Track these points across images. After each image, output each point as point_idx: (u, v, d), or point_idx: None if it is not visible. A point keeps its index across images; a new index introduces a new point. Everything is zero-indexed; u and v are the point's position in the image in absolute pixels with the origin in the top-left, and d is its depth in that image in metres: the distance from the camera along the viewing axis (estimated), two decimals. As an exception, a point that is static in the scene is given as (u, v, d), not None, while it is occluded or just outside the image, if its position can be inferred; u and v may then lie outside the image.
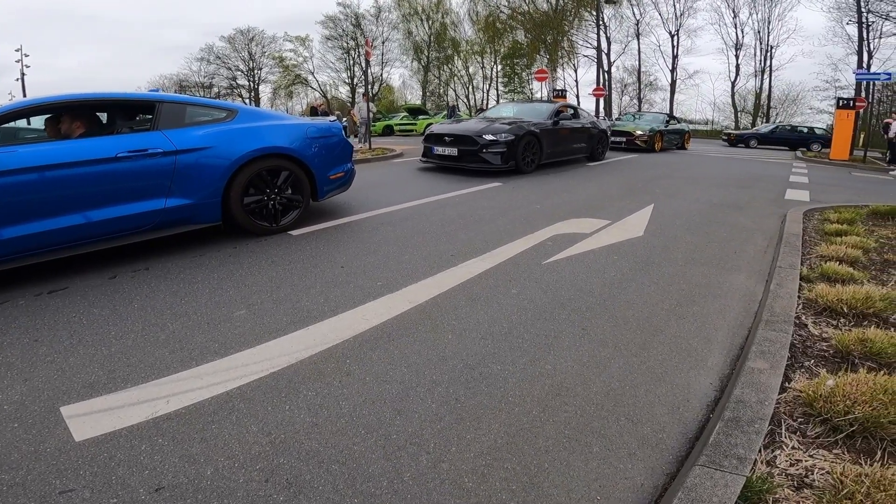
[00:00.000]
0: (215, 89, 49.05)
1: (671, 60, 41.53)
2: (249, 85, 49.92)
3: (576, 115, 10.48)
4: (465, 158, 8.09)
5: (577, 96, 43.01)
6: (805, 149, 21.05)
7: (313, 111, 19.20)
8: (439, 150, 8.41)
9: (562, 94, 24.79)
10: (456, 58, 48.44)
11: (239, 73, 49.29)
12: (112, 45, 63.53)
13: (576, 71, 44.22)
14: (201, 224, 3.87)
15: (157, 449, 1.69)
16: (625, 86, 44.61)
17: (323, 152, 4.61)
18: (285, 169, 4.28)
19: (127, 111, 4.13)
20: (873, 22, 25.79)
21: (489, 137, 7.87)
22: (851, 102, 16.67)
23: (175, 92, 48.03)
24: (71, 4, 57.39)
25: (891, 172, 12.71)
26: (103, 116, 4.21)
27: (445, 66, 48.86)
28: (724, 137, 24.77)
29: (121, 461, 1.63)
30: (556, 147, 9.26)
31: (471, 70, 49.22)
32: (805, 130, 24.12)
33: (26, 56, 33.11)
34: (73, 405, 1.91)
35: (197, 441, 1.73)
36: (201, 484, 1.54)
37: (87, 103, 3.79)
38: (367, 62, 16.71)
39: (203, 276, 3.29)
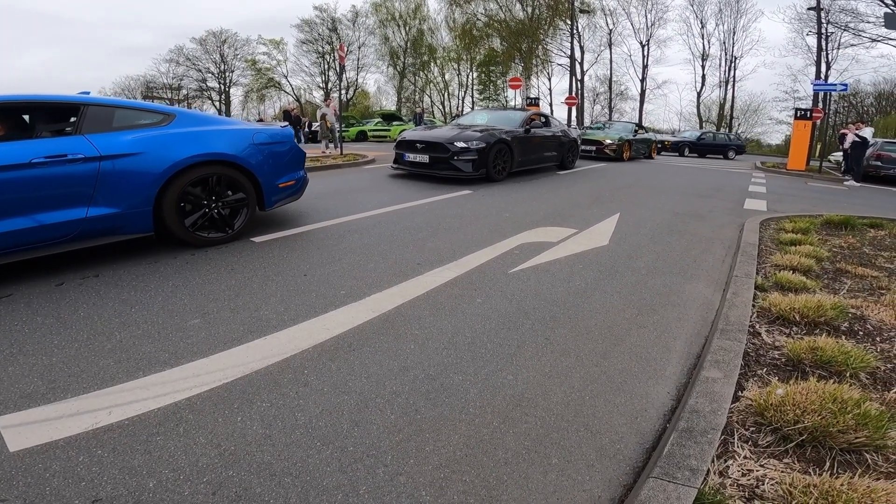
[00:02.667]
0: (184, 91, 48.06)
1: (641, 70, 42.84)
2: (220, 88, 49.08)
3: (547, 124, 10.62)
4: (436, 165, 8.09)
5: (551, 104, 43.85)
6: (723, 157, 23.98)
7: (286, 115, 18.98)
8: (411, 156, 8.38)
9: (535, 102, 25.13)
10: (432, 64, 48.72)
11: (210, 75, 48.42)
12: (75, 46, 61.60)
13: (549, 79, 45.14)
14: (130, 235, 3.62)
15: (96, 460, 1.62)
16: (597, 95, 45.77)
17: (271, 160, 4.38)
18: (227, 177, 4.03)
19: (50, 114, 3.84)
20: (832, 33, 26.97)
21: (460, 145, 7.89)
22: (809, 113, 17.32)
23: (142, 93, 46.74)
24: (31, 3, 55.35)
25: (845, 183, 13.23)
26: (30, 120, 3.88)
27: (421, 73, 49.03)
28: (658, 145, 25.31)
29: (56, 472, 1.56)
30: (528, 155, 9.35)
31: (447, 77, 49.63)
32: (724, 138, 26.72)
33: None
34: (8, 415, 1.82)
35: (140, 453, 1.66)
36: (142, 496, 1.48)
37: (4, 106, 3.48)
38: (342, 67, 16.61)
39: (156, 284, 3.17)
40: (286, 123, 5.24)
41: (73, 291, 3.01)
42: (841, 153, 15.88)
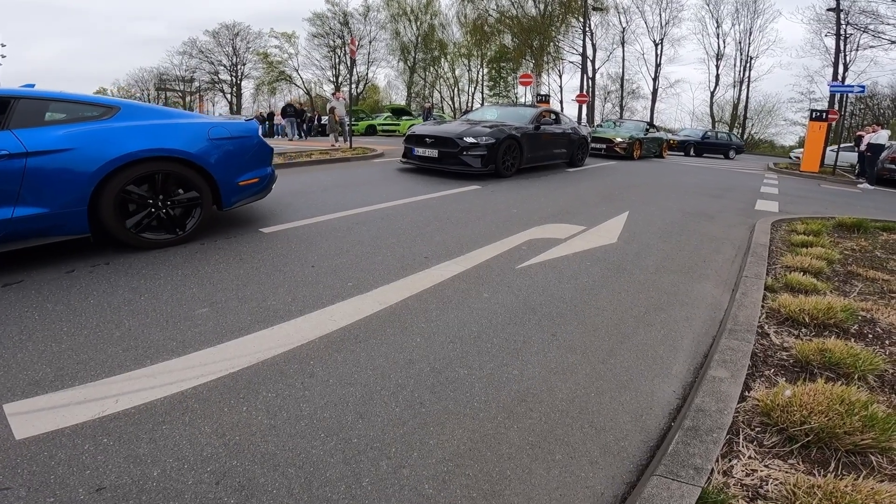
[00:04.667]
0: (196, 83, 48.47)
1: (654, 69, 42.51)
2: (232, 80, 49.43)
3: (557, 121, 10.56)
4: (445, 160, 8.07)
5: (561, 102, 43.68)
6: (723, 156, 23.93)
7: (293, 109, 19.07)
8: (420, 151, 8.37)
9: (545, 99, 25.04)
10: (442, 60, 48.58)
11: (222, 68, 48.92)
12: (90, 38, 62.41)
13: (560, 76, 44.94)
14: (64, 236, 3.34)
15: (102, 449, 1.63)
16: (608, 93, 45.52)
17: (228, 157, 4.07)
18: (176, 174, 3.75)
19: None
20: (851, 34, 26.58)
21: (470, 140, 7.87)
22: (824, 114, 17.06)
23: (155, 85, 47.07)
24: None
25: (859, 185, 13.03)
26: None
27: (432, 68, 48.94)
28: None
29: (61, 460, 1.57)
30: (537, 152, 9.31)
31: (457, 73, 49.52)
32: (725, 138, 26.79)
33: (3, 46, 31.90)
34: (16, 402, 1.84)
35: (145, 441, 1.67)
36: (146, 485, 1.49)
37: None
38: (353, 61, 16.63)
39: (166, 273, 3.20)
40: (257, 116, 5.14)
41: (84, 279, 3.04)
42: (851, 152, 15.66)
